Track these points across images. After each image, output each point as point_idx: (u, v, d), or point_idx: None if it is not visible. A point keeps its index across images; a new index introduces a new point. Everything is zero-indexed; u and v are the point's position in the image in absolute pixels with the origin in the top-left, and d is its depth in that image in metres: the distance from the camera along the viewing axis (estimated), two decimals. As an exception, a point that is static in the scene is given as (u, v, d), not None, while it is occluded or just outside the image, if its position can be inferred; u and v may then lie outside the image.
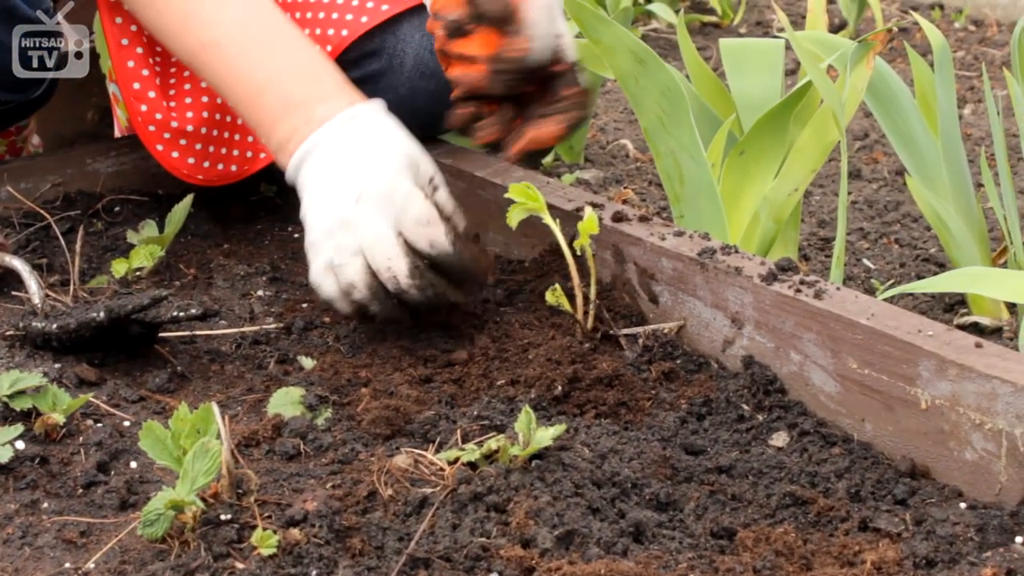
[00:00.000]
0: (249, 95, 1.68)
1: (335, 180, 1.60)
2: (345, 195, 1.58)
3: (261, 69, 1.68)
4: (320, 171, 1.61)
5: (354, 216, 1.57)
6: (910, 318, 1.41)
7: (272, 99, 1.66)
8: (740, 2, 4.10)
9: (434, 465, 1.31)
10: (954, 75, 1.92)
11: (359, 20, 1.87)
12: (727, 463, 1.38)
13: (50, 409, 1.41)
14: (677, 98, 1.71)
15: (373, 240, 1.57)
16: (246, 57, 1.69)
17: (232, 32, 1.70)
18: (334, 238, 1.58)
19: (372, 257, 1.57)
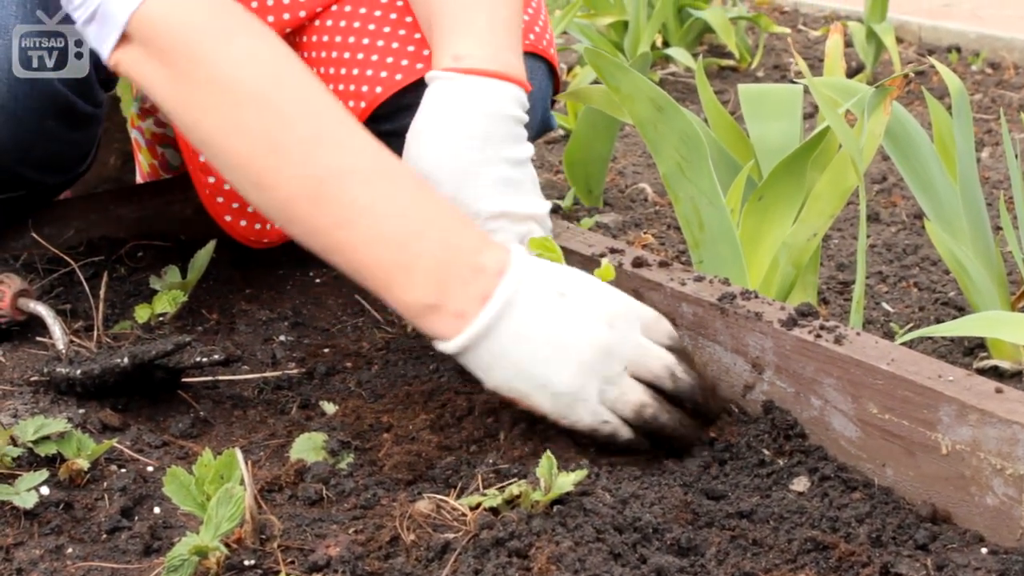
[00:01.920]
0: (401, 233, 1.46)
1: (568, 322, 1.45)
2: (596, 324, 1.45)
3: (416, 207, 1.49)
4: (539, 321, 1.44)
5: (614, 342, 1.45)
6: (930, 363, 1.41)
7: (431, 243, 1.45)
8: (758, 46, 4.12)
9: (456, 510, 1.32)
10: (972, 119, 1.92)
11: (393, 78, 1.88)
12: (748, 508, 1.38)
13: (75, 455, 1.42)
14: (696, 144, 1.72)
15: (639, 349, 1.47)
16: (399, 192, 1.49)
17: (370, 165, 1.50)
18: (600, 371, 1.44)
19: (647, 365, 1.47)
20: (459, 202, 1.60)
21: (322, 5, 1.96)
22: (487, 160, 1.64)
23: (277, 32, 1.94)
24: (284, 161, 1.47)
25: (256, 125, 1.47)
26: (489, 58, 1.69)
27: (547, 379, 1.44)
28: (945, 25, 4.34)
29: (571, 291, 1.47)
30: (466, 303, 1.43)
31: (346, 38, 1.93)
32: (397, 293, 1.45)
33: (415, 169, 1.64)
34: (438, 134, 1.65)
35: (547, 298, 1.45)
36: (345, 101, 1.90)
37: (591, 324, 1.45)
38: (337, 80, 1.92)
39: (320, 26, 1.96)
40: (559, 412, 1.45)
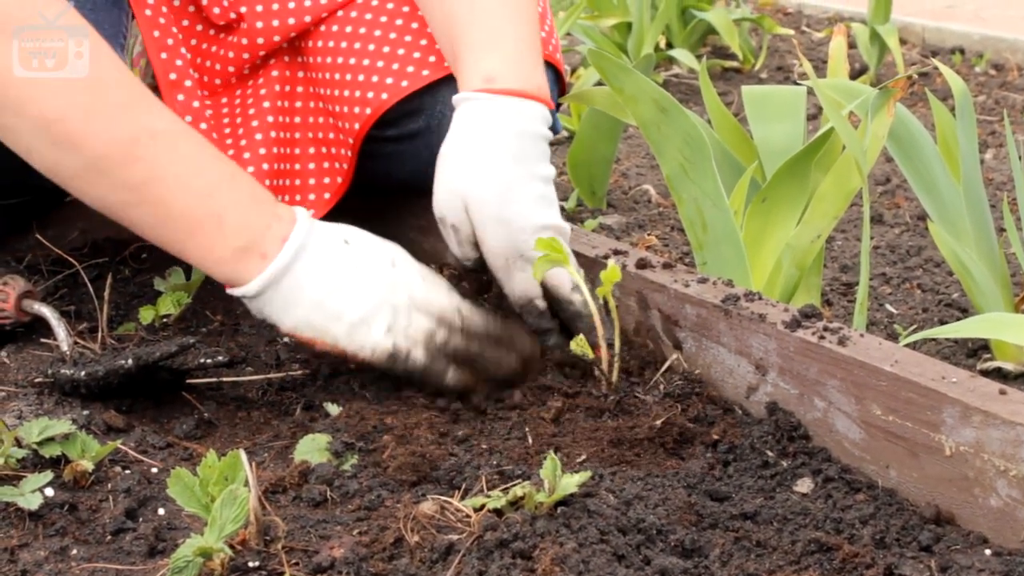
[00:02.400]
0: (209, 185, 1.56)
1: (357, 261, 1.60)
2: (379, 265, 1.60)
3: (220, 164, 1.60)
4: (331, 259, 1.59)
5: (398, 277, 1.60)
6: (934, 365, 1.42)
7: (239, 194, 1.58)
8: (761, 47, 4.12)
9: (460, 512, 1.32)
10: (975, 120, 1.92)
11: (399, 84, 1.88)
12: (752, 509, 1.38)
13: (79, 456, 1.42)
14: (699, 146, 1.72)
15: (424, 288, 1.61)
16: (201, 149, 1.59)
17: (178, 129, 1.59)
18: (389, 300, 1.58)
19: (431, 301, 1.60)
20: (504, 218, 1.67)
21: (328, 11, 1.96)
22: (526, 178, 1.68)
23: (281, 36, 1.95)
24: (99, 122, 1.53)
25: (71, 89, 1.52)
26: (518, 78, 1.72)
27: (340, 309, 1.56)
28: (949, 26, 4.34)
29: (354, 239, 1.62)
30: (269, 245, 1.56)
31: (352, 44, 1.93)
32: (202, 241, 1.56)
33: (452, 187, 1.70)
34: (478, 153, 1.69)
35: (335, 242, 1.60)
36: (351, 107, 1.90)
37: (375, 263, 1.60)
38: (343, 86, 1.92)
39: (326, 31, 1.96)
40: (355, 343, 1.57)
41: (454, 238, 1.72)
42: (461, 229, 1.70)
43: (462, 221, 1.70)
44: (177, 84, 1.89)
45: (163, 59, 1.88)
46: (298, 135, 2.00)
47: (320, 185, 2.00)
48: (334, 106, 1.95)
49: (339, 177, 1.99)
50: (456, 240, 1.72)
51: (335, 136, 1.98)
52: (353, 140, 1.93)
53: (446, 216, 1.71)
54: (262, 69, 2.00)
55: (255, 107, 1.97)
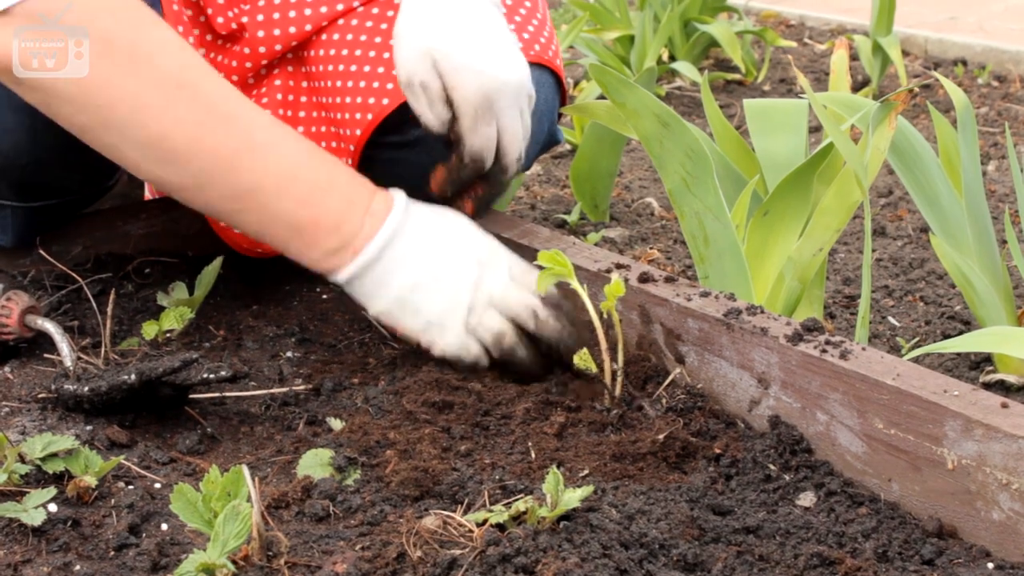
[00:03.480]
0: (307, 192, 1.66)
1: (442, 257, 1.68)
2: (464, 262, 1.67)
3: (318, 168, 1.69)
4: (417, 255, 1.67)
5: (482, 276, 1.67)
6: (936, 378, 1.42)
7: (336, 199, 1.67)
8: (764, 60, 4.12)
9: (463, 526, 1.32)
10: (977, 132, 1.92)
11: (399, 90, 1.89)
12: (754, 523, 1.38)
13: (82, 472, 1.43)
14: (701, 160, 1.72)
15: (505, 288, 1.67)
16: (299, 155, 1.68)
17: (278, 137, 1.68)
18: (466, 301, 1.66)
19: (509, 303, 1.66)
20: (477, 66, 1.73)
21: (329, 19, 1.96)
22: (492, 31, 1.77)
23: (283, 45, 1.96)
24: (206, 136, 1.61)
25: (177, 105, 1.60)
26: None
27: (419, 306, 1.67)
28: (951, 38, 4.34)
29: (447, 230, 1.70)
30: (360, 241, 1.66)
31: (352, 51, 1.94)
32: (303, 242, 1.68)
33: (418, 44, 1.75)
34: (441, 12, 1.77)
35: (425, 235, 1.69)
36: (351, 114, 1.91)
37: (462, 260, 1.68)
38: (344, 93, 1.93)
39: (327, 39, 1.97)
40: (430, 338, 1.68)
41: (424, 99, 1.76)
42: (431, 85, 1.75)
43: (432, 77, 1.75)
44: None
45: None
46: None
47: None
48: (336, 113, 1.95)
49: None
50: (427, 100, 1.76)
51: (336, 144, 1.98)
52: (355, 147, 1.94)
53: (414, 74, 1.76)
54: (266, 78, 2.01)
55: (259, 115, 1.98)
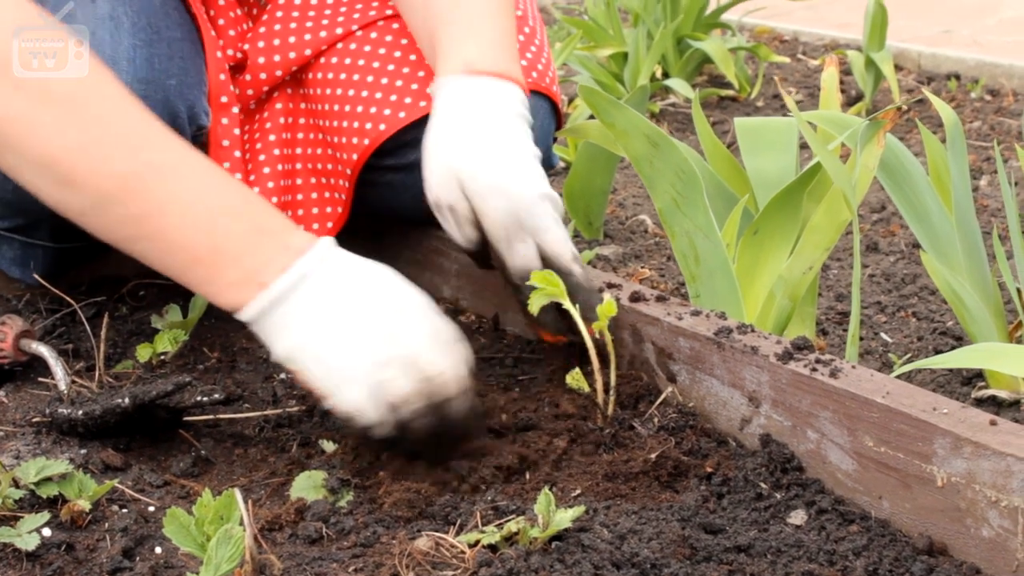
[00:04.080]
0: (210, 217, 1.53)
1: (359, 303, 1.52)
2: (383, 312, 1.52)
3: (225, 195, 1.56)
4: (330, 297, 1.52)
5: (398, 330, 1.51)
6: (925, 396, 1.42)
7: (242, 225, 1.53)
8: (757, 76, 4.13)
9: (455, 548, 1.32)
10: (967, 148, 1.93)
11: (397, 116, 1.91)
12: (746, 542, 1.39)
13: (76, 496, 1.43)
14: (691, 180, 1.73)
15: (428, 348, 1.51)
16: (205, 180, 1.56)
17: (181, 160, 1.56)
18: (378, 355, 1.49)
19: (424, 367, 1.50)
20: (504, 187, 1.67)
21: (328, 44, 1.98)
22: (518, 148, 1.70)
23: (283, 71, 1.97)
24: (98, 158, 1.52)
25: (72, 125, 1.52)
26: (496, 63, 1.75)
27: (324, 354, 1.50)
28: (944, 52, 4.35)
29: (373, 278, 1.55)
30: (269, 275, 1.51)
31: (351, 76, 1.95)
32: (203, 272, 1.54)
33: (445, 166, 1.70)
34: (468, 130, 1.70)
35: (343, 279, 1.53)
36: (349, 139, 1.92)
37: (383, 309, 1.52)
38: (342, 117, 1.94)
39: (326, 63, 1.98)
40: (328, 388, 1.50)
41: (452, 220, 1.72)
42: (458, 208, 1.70)
43: (458, 199, 1.70)
44: (226, 108, 1.91)
45: (221, 80, 1.91)
46: (299, 165, 2.02)
47: (323, 214, 2.02)
48: (333, 137, 1.97)
49: (339, 207, 2.01)
50: (455, 221, 1.72)
51: (333, 166, 2.00)
52: (351, 170, 1.95)
53: (441, 197, 1.71)
54: (267, 102, 2.03)
55: (262, 140, 2.00)
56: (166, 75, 1.80)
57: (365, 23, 1.99)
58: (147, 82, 1.77)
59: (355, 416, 1.50)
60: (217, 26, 1.99)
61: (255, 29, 2.01)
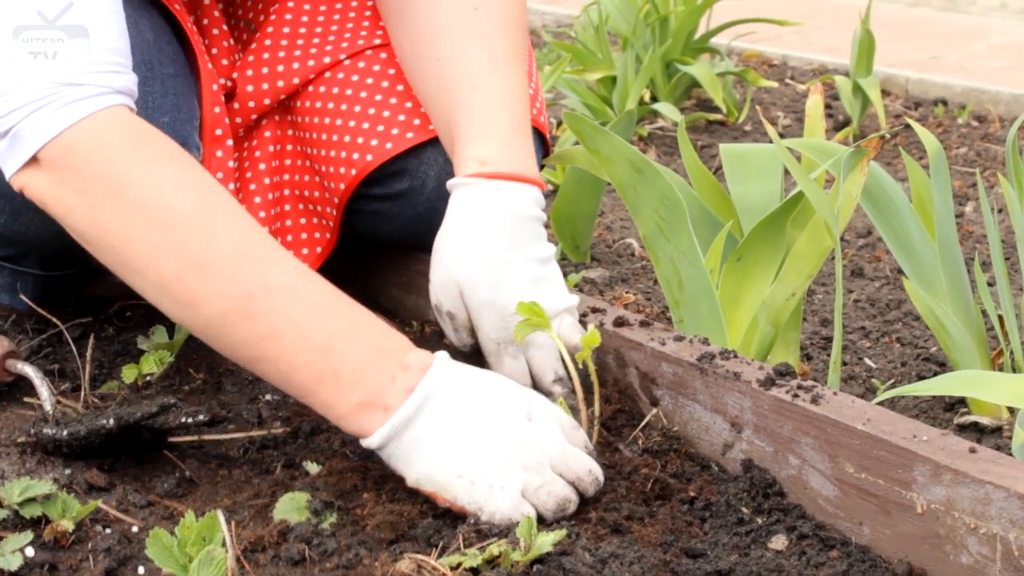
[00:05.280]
0: (327, 339, 1.50)
1: (488, 413, 1.49)
2: (513, 419, 1.50)
3: (340, 315, 1.53)
4: (459, 412, 1.49)
5: (533, 434, 1.49)
6: (905, 423, 1.43)
7: (360, 346, 1.50)
8: (745, 100, 4.15)
9: (437, 570, 1.33)
10: (953, 174, 1.94)
11: (383, 146, 1.92)
12: (727, 567, 1.39)
13: (59, 516, 1.44)
14: (675, 206, 1.74)
15: (563, 448, 1.50)
16: (319, 300, 1.53)
17: (295, 280, 1.53)
18: (521, 460, 1.47)
19: (570, 465, 1.49)
20: (495, 302, 1.69)
21: (316, 72, 1.99)
22: (519, 261, 1.71)
23: (272, 99, 1.98)
24: (212, 279, 1.50)
25: (183, 246, 1.50)
26: (511, 161, 1.75)
27: (464, 467, 1.47)
28: (932, 78, 4.38)
29: (492, 385, 1.53)
30: (392, 398, 1.49)
31: (339, 105, 1.96)
32: (324, 396, 1.50)
33: (447, 273, 1.71)
34: (472, 238, 1.70)
35: (468, 391, 1.51)
36: (336, 168, 1.93)
37: (511, 416, 1.50)
38: (328, 146, 1.95)
39: (313, 92, 1.99)
40: (476, 502, 1.46)
41: (450, 325, 1.74)
42: (457, 315, 1.73)
43: (458, 307, 1.72)
44: (220, 140, 1.92)
45: (216, 113, 1.92)
46: (287, 192, 2.03)
47: (311, 240, 2.03)
48: (321, 165, 1.98)
49: (327, 233, 2.02)
50: (452, 327, 1.74)
51: (321, 194, 2.01)
52: (339, 199, 1.96)
53: (442, 303, 1.74)
54: (255, 129, 2.04)
55: (252, 170, 2.01)
56: (159, 112, 1.80)
57: (353, 52, 2.00)
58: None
59: (515, 521, 1.44)
60: (211, 55, 2.00)
61: (244, 57, 2.02)
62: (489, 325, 1.70)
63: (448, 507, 1.49)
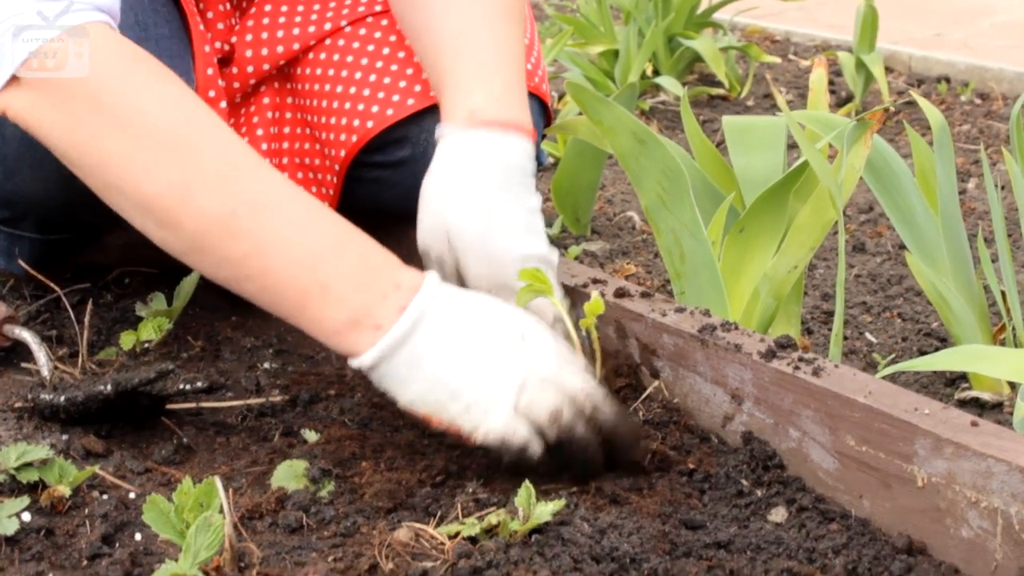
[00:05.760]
0: (313, 254, 1.48)
1: (482, 333, 1.48)
2: (507, 339, 1.48)
3: (327, 229, 1.51)
4: (453, 331, 1.47)
5: (526, 353, 1.48)
6: (907, 396, 1.43)
7: (348, 261, 1.48)
8: (748, 75, 4.14)
9: (435, 539, 1.33)
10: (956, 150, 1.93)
11: (384, 113, 1.90)
12: (726, 538, 1.39)
13: (56, 481, 1.43)
14: (677, 177, 1.73)
15: (557, 366, 1.49)
16: (304, 214, 1.51)
17: (280, 196, 1.51)
18: (515, 378, 1.46)
19: (564, 381, 1.48)
20: (487, 248, 1.66)
21: (316, 38, 1.98)
22: (509, 208, 1.68)
23: (271, 65, 1.97)
24: (195, 197, 1.48)
25: (167, 164, 1.48)
26: (502, 112, 1.73)
27: (460, 387, 1.46)
28: (935, 55, 4.36)
29: (486, 306, 1.52)
30: (384, 316, 1.46)
31: (339, 72, 1.95)
32: (313, 312, 1.48)
33: (435, 219, 1.69)
34: (462, 184, 1.68)
35: (462, 311, 1.49)
36: (336, 135, 1.92)
37: (504, 335, 1.49)
38: (330, 113, 1.94)
39: (314, 59, 1.98)
40: (472, 422, 1.45)
41: (438, 269, 1.72)
42: (445, 261, 1.70)
43: (446, 253, 1.70)
44: (213, 102, 1.91)
45: (209, 75, 1.90)
46: (285, 160, 2.02)
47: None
48: (321, 132, 1.97)
49: (326, 202, 2.01)
50: (441, 273, 1.71)
51: (321, 162, 2.00)
52: (339, 166, 1.95)
53: (430, 248, 1.72)
54: (254, 96, 2.02)
55: (249, 135, 1.99)
56: None
57: (354, 19, 1.98)
58: None
59: (508, 439, 1.45)
60: (206, 19, 1.98)
61: (243, 22, 2.01)
62: (477, 271, 1.67)
63: (443, 430, 1.48)
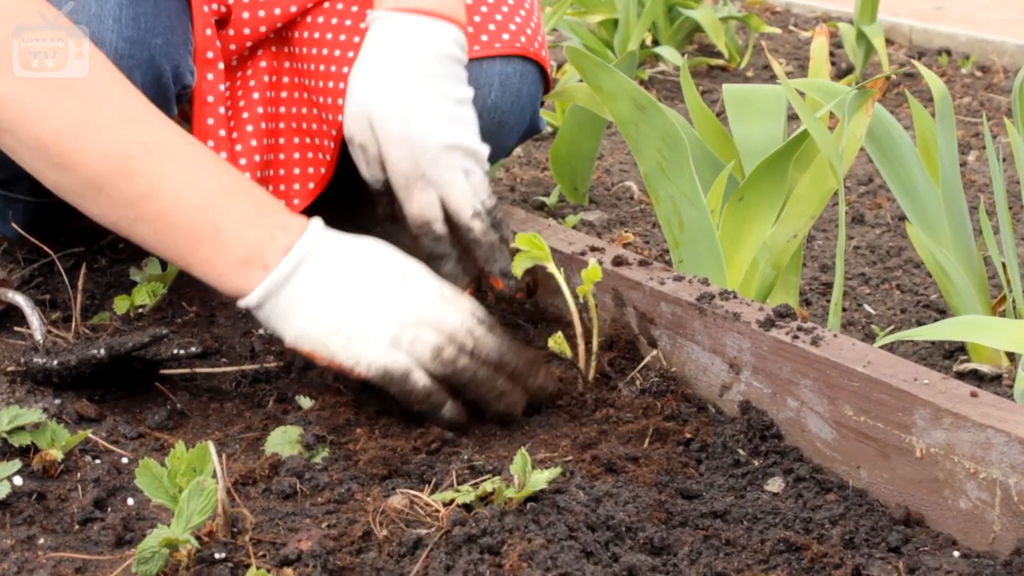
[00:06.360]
0: (207, 196, 1.52)
1: (363, 273, 1.53)
2: (387, 279, 1.53)
3: (220, 175, 1.55)
4: (335, 271, 1.53)
5: (407, 293, 1.53)
6: (906, 366, 1.42)
7: (240, 204, 1.53)
8: (748, 46, 4.12)
9: (429, 506, 1.32)
10: (956, 122, 1.92)
11: None
12: (722, 508, 1.38)
13: (49, 445, 1.42)
14: (677, 145, 1.72)
15: (436, 305, 1.53)
16: (199, 160, 1.55)
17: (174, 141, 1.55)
18: (394, 315, 1.51)
19: (442, 319, 1.53)
20: (408, 135, 1.67)
21: (314, 2, 1.96)
22: (434, 96, 1.69)
23: (268, 27, 1.95)
24: (91, 139, 1.50)
25: (61, 107, 1.50)
26: (432, 1, 1.73)
27: (340, 323, 1.51)
28: (936, 28, 4.34)
29: (369, 249, 1.56)
30: (272, 256, 1.51)
31: (337, 35, 1.93)
32: (204, 254, 1.52)
33: (359, 105, 1.70)
34: (386, 70, 1.69)
35: (344, 252, 1.54)
36: (335, 98, 1.91)
37: (385, 276, 1.53)
38: (327, 77, 1.92)
39: (312, 22, 1.96)
40: (353, 356, 1.50)
41: (362, 158, 1.73)
42: (368, 148, 1.71)
43: (369, 139, 1.71)
44: (211, 63, 1.89)
45: (207, 35, 1.89)
46: (282, 125, 2.01)
47: (304, 175, 2.00)
48: (319, 97, 1.95)
49: (322, 168, 1.99)
50: (364, 160, 1.73)
51: (318, 127, 1.98)
52: (336, 131, 1.93)
53: (354, 135, 1.72)
54: (250, 59, 2.00)
55: (245, 99, 1.98)
56: (152, 34, 1.78)
57: (352, -19, 1.97)
58: (132, 41, 1.75)
59: (390, 368, 1.50)
60: None
61: (241, -18, 1.99)
62: (397, 158, 1.68)
63: (327, 365, 1.52)
